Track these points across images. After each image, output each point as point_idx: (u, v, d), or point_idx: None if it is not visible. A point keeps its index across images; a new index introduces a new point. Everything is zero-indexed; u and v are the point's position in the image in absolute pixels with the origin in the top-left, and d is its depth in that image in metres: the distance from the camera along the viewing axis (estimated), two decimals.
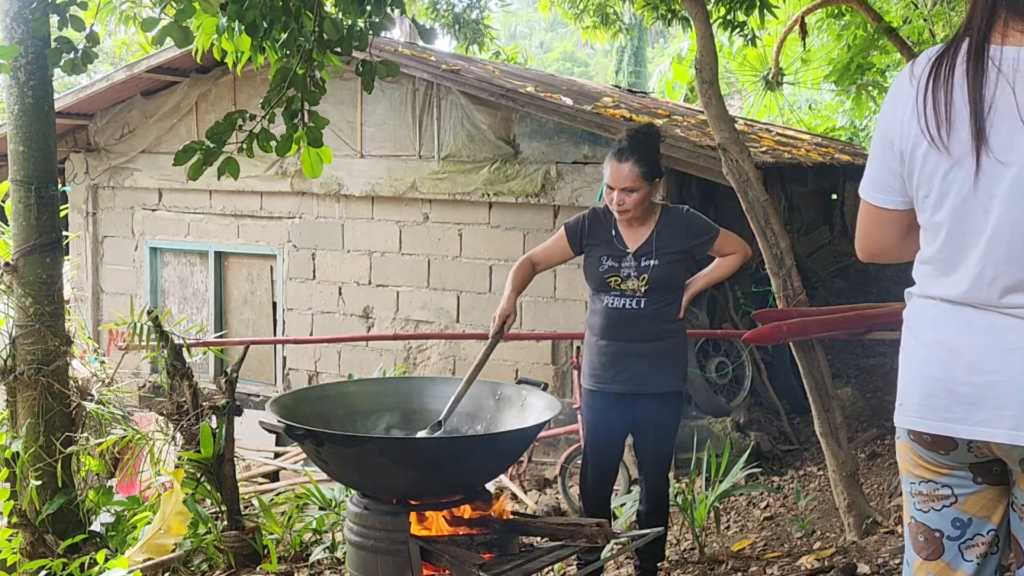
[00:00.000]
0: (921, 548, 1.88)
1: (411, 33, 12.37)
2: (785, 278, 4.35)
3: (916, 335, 1.79)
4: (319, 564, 4.23)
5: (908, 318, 1.84)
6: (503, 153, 7.27)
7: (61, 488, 4.53)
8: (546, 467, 6.92)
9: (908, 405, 1.80)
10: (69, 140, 8.95)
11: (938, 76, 1.67)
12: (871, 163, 1.82)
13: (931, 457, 1.80)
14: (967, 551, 1.84)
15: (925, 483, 1.84)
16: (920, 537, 1.88)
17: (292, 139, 3.66)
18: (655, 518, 3.77)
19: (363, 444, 3.07)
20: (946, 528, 1.84)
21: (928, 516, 1.86)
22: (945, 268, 1.73)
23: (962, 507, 1.82)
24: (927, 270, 1.78)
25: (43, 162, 4.48)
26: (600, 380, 3.66)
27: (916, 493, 1.86)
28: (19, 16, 4.27)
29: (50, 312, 4.50)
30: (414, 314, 7.83)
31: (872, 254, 1.93)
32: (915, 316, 1.82)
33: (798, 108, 16.08)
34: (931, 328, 1.76)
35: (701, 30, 4.49)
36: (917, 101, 1.68)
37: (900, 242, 1.87)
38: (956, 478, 1.80)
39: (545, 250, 3.77)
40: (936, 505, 1.83)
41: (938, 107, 1.65)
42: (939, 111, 1.65)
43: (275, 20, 3.60)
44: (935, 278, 1.76)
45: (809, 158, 8.40)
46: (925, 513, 1.86)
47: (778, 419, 6.85)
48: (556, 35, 35.32)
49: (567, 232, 3.70)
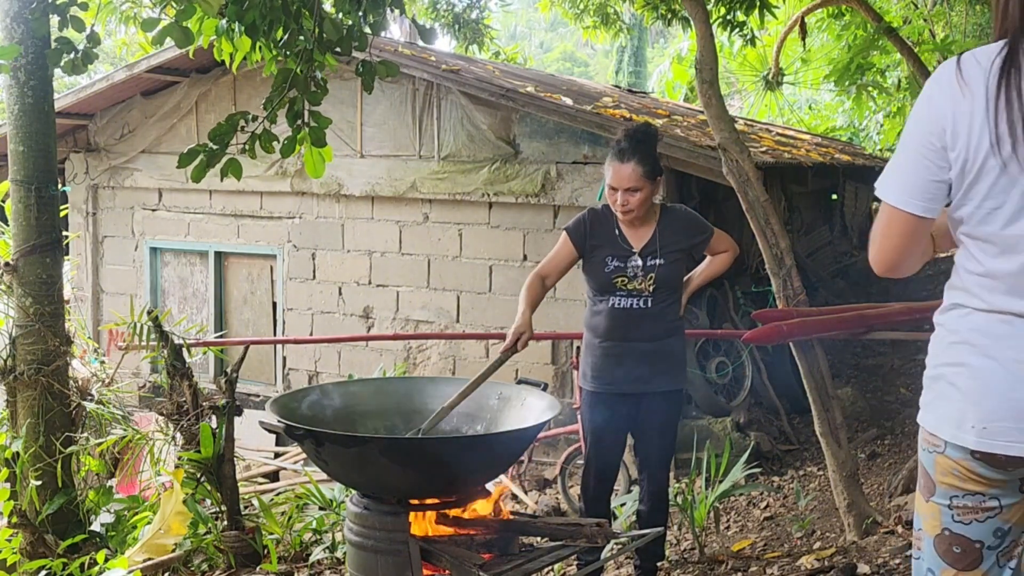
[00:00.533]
0: (956, 560, 1.84)
1: (411, 33, 12.38)
2: (785, 278, 4.35)
3: (988, 353, 1.71)
4: (319, 564, 4.23)
5: (968, 333, 1.74)
6: (503, 153, 7.27)
7: (61, 488, 4.53)
8: (546, 467, 6.92)
9: (992, 429, 1.70)
10: (69, 140, 8.95)
11: (1009, 85, 1.62)
12: (907, 167, 1.73)
13: (993, 474, 1.76)
14: (1003, 559, 1.83)
15: (971, 496, 1.80)
16: (956, 548, 1.84)
17: (296, 140, 3.66)
18: (655, 518, 3.77)
19: (363, 444, 3.07)
20: (987, 539, 1.81)
21: (969, 528, 1.82)
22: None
23: (1005, 517, 1.81)
24: (991, 284, 1.70)
25: (43, 162, 4.48)
26: (603, 381, 3.66)
27: (958, 506, 1.82)
28: (19, 16, 4.27)
29: (50, 312, 4.51)
30: (414, 314, 7.83)
31: (895, 267, 1.80)
32: (981, 332, 1.72)
33: (798, 108, 16.08)
34: (1011, 347, 1.68)
35: (701, 30, 4.49)
36: (988, 111, 1.62)
37: (923, 254, 1.80)
38: (1005, 490, 1.78)
39: (551, 261, 3.71)
40: (980, 517, 1.80)
41: (1013, 118, 1.61)
42: (1016, 123, 1.61)
43: (275, 21, 3.60)
44: (1007, 294, 1.69)
45: (809, 158, 8.40)
46: (966, 525, 1.82)
47: (778, 419, 6.84)
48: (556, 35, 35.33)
49: (570, 235, 3.67)
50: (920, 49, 7.91)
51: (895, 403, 7.03)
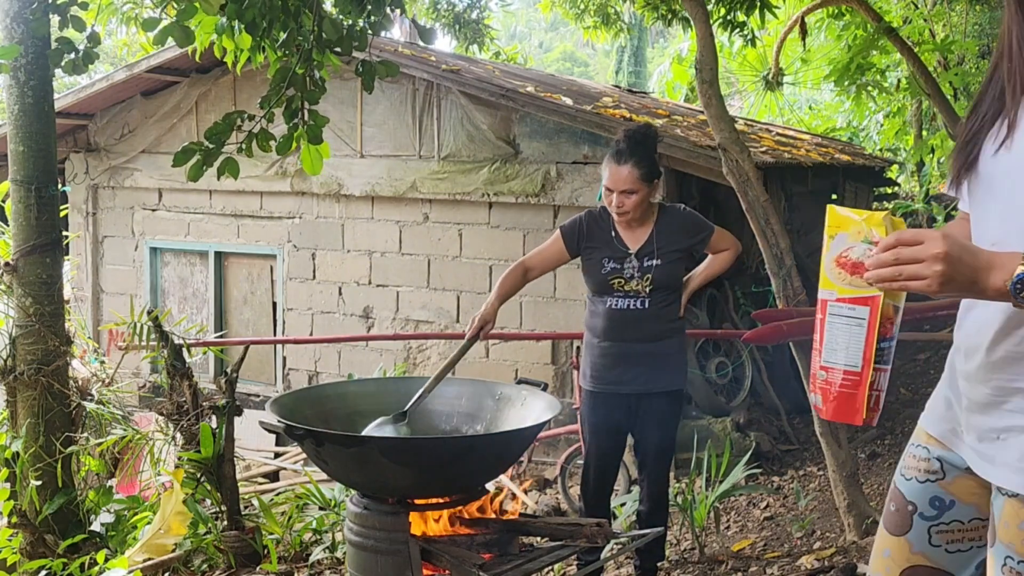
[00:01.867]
0: (888, 519, 1.80)
1: (411, 33, 12.37)
2: (785, 278, 4.35)
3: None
4: (319, 564, 4.23)
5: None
6: (503, 153, 7.27)
7: (61, 488, 4.52)
8: (546, 467, 6.92)
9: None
10: (69, 140, 8.95)
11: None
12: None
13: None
14: (939, 536, 1.74)
15: (920, 447, 1.78)
16: (892, 506, 1.80)
17: (292, 138, 3.66)
18: (655, 518, 3.77)
19: (363, 444, 3.06)
20: (921, 504, 1.76)
21: (908, 485, 1.77)
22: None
23: (947, 487, 1.74)
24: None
25: (43, 162, 4.47)
26: (602, 381, 3.66)
27: (909, 456, 1.79)
28: (19, 16, 4.26)
29: (50, 312, 4.50)
30: (414, 314, 7.83)
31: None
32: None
33: (798, 108, 16.07)
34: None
35: (701, 30, 4.49)
36: None
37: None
38: (947, 452, 1.75)
39: (540, 254, 3.75)
40: (920, 475, 1.76)
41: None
42: None
43: (274, 20, 3.60)
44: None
45: (809, 158, 8.40)
46: (907, 480, 1.78)
47: (778, 419, 6.84)
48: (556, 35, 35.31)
49: (563, 235, 3.69)
50: (920, 49, 7.91)
51: (895, 403, 7.03)
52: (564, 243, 3.68)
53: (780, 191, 8.36)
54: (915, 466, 1.76)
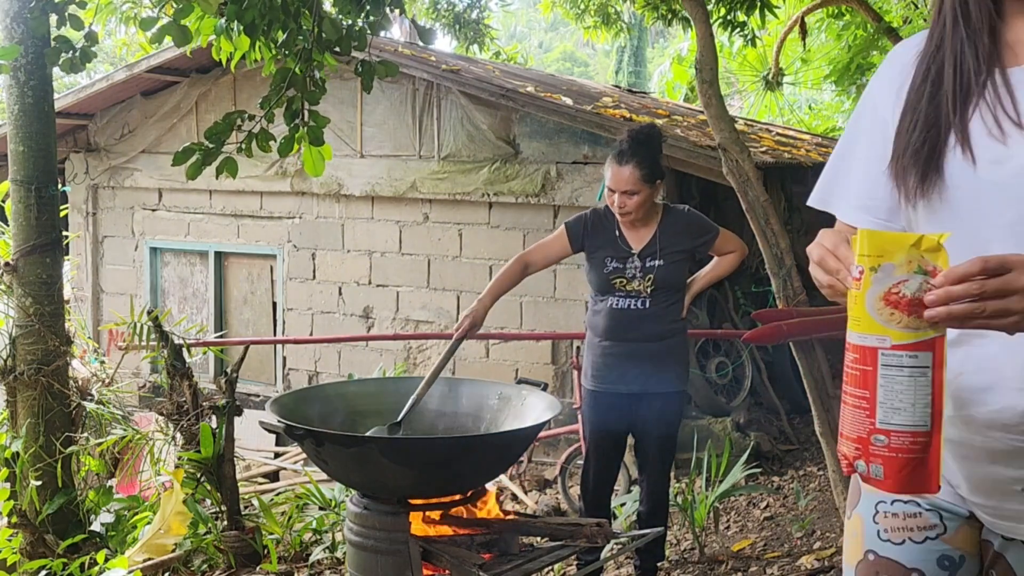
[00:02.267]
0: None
1: (411, 33, 12.37)
2: (785, 278, 4.34)
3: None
4: (319, 564, 4.23)
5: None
6: (503, 153, 7.27)
7: (61, 488, 4.52)
8: (546, 467, 6.92)
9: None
10: (69, 140, 8.94)
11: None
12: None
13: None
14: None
15: (902, 503, 1.51)
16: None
17: (293, 139, 3.66)
18: (655, 518, 3.77)
19: (363, 444, 3.06)
20: (928, 568, 1.50)
21: (901, 549, 1.49)
22: None
23: (952, 541, 1.49)
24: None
25: (43, 162, 4.47)
26: (604, 381, 3.66)
27: (886, 515, 1.51)
28: (19, 16, 4.26)
29: (50, 312, 4.50)
30: (414, 314, 7.83)
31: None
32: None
33: (798, 108, 16.06)
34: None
35: (701, 30, 4.49)
36: None
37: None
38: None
39: (542, 248, 3.74)
40: (915, 535, 1.49)
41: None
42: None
43: (274, 20, 3.59)
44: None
45: (809, 158, 8.39)
46: (896, 545, 1.50)
47: (778, 419, 6.84)
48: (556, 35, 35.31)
49: (568, 230, 3.69)
50: None
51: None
52: (568, 238, 3.68)
53: (780, 191, 8.34)
54: (902, 526, 1.47)
